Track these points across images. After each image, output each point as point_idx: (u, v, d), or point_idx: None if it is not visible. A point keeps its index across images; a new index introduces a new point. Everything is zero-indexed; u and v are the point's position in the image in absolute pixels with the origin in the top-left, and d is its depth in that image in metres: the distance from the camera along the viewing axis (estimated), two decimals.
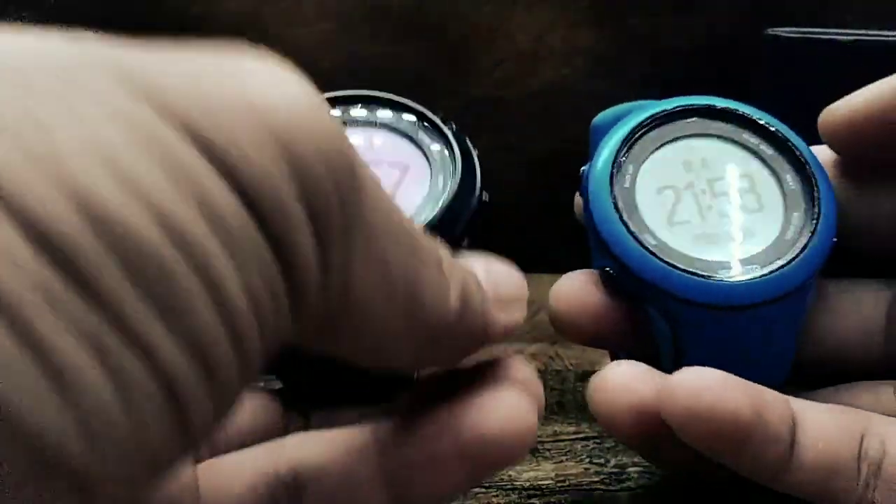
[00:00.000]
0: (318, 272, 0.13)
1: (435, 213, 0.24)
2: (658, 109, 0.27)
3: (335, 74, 0.38)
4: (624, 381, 0.22)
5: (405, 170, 0.26)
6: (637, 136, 0.26)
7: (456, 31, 0.37)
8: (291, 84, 0.12)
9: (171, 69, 0.12)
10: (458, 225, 0.24)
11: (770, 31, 0.32)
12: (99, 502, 0.10)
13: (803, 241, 0.25)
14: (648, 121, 0.27)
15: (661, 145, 0.27)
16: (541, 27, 0.37)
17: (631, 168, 0.26)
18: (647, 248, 0.24)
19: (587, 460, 0.28)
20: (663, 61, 0.38)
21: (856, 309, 0.27)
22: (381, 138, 0.27)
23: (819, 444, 0.21)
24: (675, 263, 0.24)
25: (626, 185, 0.25)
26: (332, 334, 0.15)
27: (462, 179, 0.25)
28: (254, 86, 0.12)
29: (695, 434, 0.21)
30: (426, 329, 0.17)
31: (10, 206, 0.09)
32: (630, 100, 0.28)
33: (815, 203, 0.25)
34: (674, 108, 0.27)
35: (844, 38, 0.31)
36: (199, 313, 0.11)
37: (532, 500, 0.26)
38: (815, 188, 0.26)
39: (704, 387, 0.21)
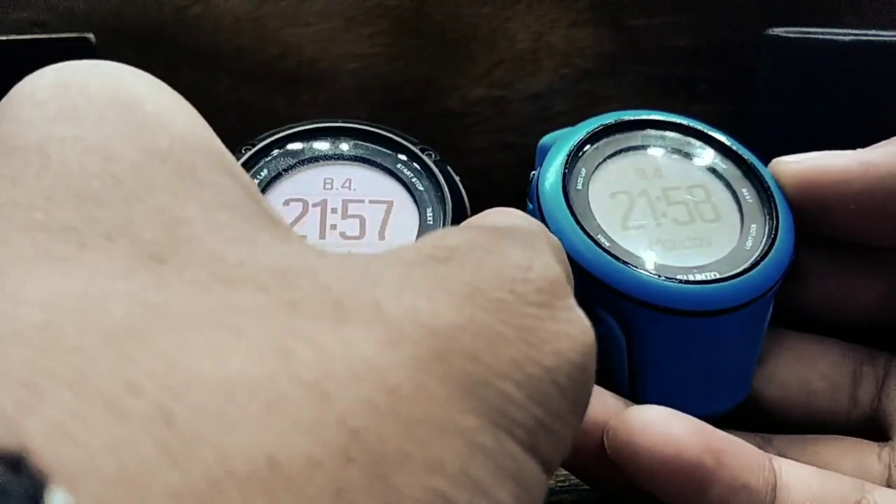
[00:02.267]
0: None
1: None
2: (612, 120, 0.27)
3: (335, 74, 0.38)
4: None
5: (389, 206, 0.25)
6: (591, 142, 0.26)
7: (456, 31, 0.37)
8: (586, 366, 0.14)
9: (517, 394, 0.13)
10: None
11: (770, 31, 0.32)
12: None
13: (762, 252, 0.24)
14: (602, 129, 0.26)
15: (615, 153, 0.26)
16: (541, 27, 0.37)
17: (584, 171, 0.25)
18: (602, 248, 0.23)
19: None
20: (663, 61, 0.38)
21: (822, 359, 0.26)
22: (359, 174, 0.26)
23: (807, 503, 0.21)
24: (631, 264, 0.23)
25: (579, 187, 0.25)
26: None
27: (454, 212, 0.25)
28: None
29: (641, 472, 0.20)
30: None
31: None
32: (629, 100, 0.28)
33: (773, 217, 0.25)
34: (628, 119, 0.27)
35: (844, 38, 0.31)
36: None
37: None
38: (773, 203, 0.25)
39: (647, 421, 0.20)
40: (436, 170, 0.26)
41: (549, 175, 0.25)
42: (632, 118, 0.27)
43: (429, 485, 0.11)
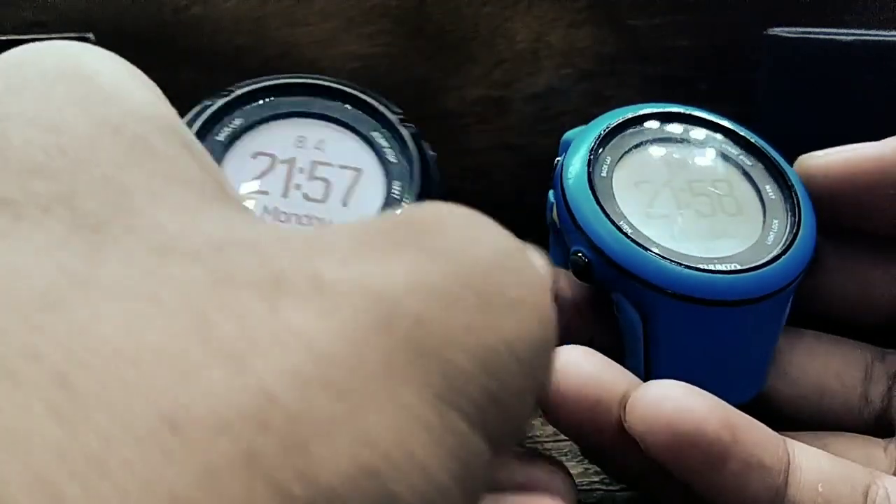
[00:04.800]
0: None
1: None
2: (639, 111, 0.27)
3: (335, 74, 0.38)
4: (577, 365, 0.21)
5: (358, 174, 0.25)
6: (617, 132, 0.26)
7: (456, 31, 0.37)
8: (544, 340, 0.13)
9: (461, 347, 0.12)
10: None
11: (770, 31, 0.32)
12: None
13: (784, 246, 0.24)
14: (629, 119, 0.27)
15: (641, 143, 0.26)
16: (541, 27, 0.37)
17: (609, 160, 0.26)
18: (623, 233, 0.23)
19: (587, 460, 0.28)
20: (663, 61, 0.38)
21: (836, 358, 0.26)
22: (332, 137, 0.25)
23: (818, 485, 0.21)
24: (653, 251, 0.23)
25: (604, 174, 0.25)
26: None
27: (421, 189, 0.24)
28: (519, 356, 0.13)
29: (658, 445, 0.20)
30: None
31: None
32: (629, 100, 0.28)
33: (796, 213, 0.25)
34: (655, 111, 0.27)
35: (844, 38, 0.31)
36: None
37: None
38: (795, 200, 0.25)
39: (666, 395, 0.20)
40: (411, 144, 0.25)
41: (574, 162, 0.25)
42: (659, 111, 0.27)
43: (356, 457, 0.11)
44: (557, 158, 0.26)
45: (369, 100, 0.26)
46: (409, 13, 0.37)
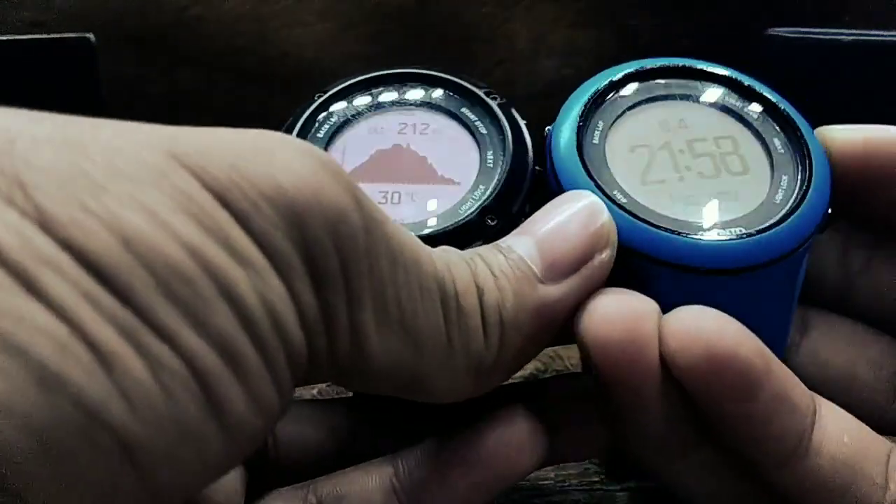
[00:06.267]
0: (321, 321, 0.16)
1: (491, 189, 0.23)
2: (633, 68, 0.25)
3: (335, 74, 0.38)
4: (620, 308, 0.20)
5: (452, 146, 0.25)
6: (609, 93, 0.25)
7: (456, 31, 0.37)
8: (307, 162, 0.16)
9: (215, 150, 0.15)
10: (518, 200, 0.23)
11: (770, 31, 0.32)
12: (142, 466, 0.13)
13: (792, 205, 0.22)
14: (623, 78, 0.25)
15: (637, 104, 0.25)
16: (541, 27, 0.37)
17: (601, 125, 0.24)
18: (617, 205, 0.22)
19: (587, 460, 0.28)
20: None
21: (872, 347, 0.25)
22: (423, 118, 0.26)
23: (844, 436, 0.20)
24: (649, 221, 0.22)
25: (595, 141, 0.24)
26: (359, 380, 0.18)
27: (514, 153, 0.24)
28: (276, 163, 0.15)
29: (691, 365, 0.19)
30: (465, 368, 0.18)
31: (66, 241, 0.13)
32: None
33: (806, 167, 0.23)
34: (653, 67, 0.25)
35: (844, 38, 0.31)
36: (219, 314, 0.14)
37: (532, 501, 0.26)
38: (806, 153, 0.23)
39: (703, 316, 0.19)
40: (500, 114, 0.26)
41: (563, 130, 0.24)
42: (655, 66, 0.25)
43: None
44: (547, 128, 0.25)
45: (456, 79, 0.27)
46: (409, 13, 0.37)
